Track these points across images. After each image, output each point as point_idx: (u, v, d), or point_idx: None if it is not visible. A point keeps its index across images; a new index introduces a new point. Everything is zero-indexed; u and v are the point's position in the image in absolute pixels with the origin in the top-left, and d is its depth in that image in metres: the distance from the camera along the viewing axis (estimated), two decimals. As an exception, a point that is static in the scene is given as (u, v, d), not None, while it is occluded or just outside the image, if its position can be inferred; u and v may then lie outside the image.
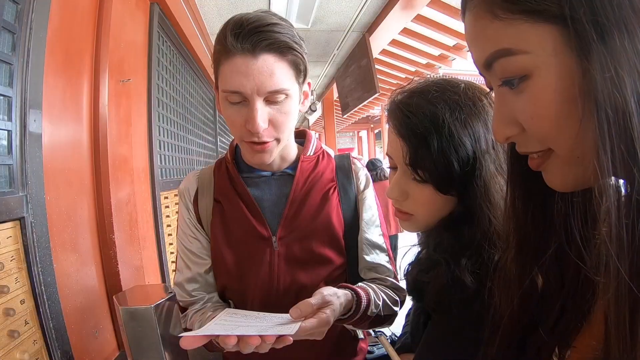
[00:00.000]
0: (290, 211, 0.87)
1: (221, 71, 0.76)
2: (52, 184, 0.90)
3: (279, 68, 0.74)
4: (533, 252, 0.46)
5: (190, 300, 0.89)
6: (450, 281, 0.57)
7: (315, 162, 0.92)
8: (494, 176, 0.59)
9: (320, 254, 0.86)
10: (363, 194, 0.94)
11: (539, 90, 0.35)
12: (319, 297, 0.67)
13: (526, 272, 0.47)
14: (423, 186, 0.62)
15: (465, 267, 0.57)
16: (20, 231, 0.79)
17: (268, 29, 0.72)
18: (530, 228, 0.46)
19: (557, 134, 0.35)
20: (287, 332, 0.59)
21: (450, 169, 0.59)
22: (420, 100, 0.61)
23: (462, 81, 0.64)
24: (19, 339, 0.74)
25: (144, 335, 0.87)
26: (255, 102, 0.73)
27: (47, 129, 0.89)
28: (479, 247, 0.58)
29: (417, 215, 0.66)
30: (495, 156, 0.60)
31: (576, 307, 0.42)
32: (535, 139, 0.38)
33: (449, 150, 0.58)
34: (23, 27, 0.81)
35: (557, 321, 0.44)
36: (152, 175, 1.57)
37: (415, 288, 0.67)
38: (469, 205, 0.60)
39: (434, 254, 0.63)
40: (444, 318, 0.62)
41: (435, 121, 0.59)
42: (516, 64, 0.35)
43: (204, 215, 0.90)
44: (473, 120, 0.59)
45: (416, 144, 0.60)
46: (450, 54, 4.04)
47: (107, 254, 1.14)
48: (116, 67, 1.26)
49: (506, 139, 0.40)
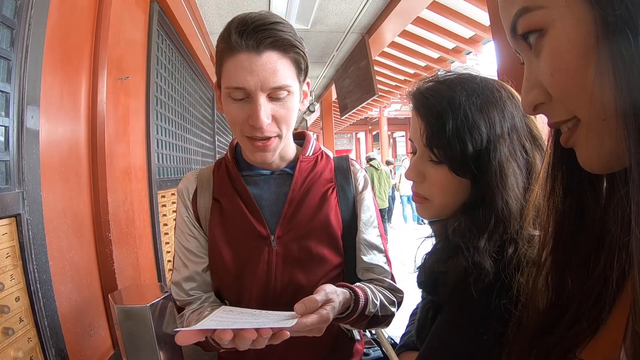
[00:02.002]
0: (289, 210, 0.87)
1: (225, 68, 0.77)
2: (48, 181, 0.90)
3: (281, 65, 0.76)
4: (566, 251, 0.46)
5: (187, 299, 0.89)
6: (470, 265, 0.58)
7: (314, 163, 0.93)
8: (508, 160, 0.61)
9: (318, 253, 0.86)
10: (361, 195, 0.94)
11: (555, 43, 0.35)
12: (323, 294, 0.68)
13: (558, 272, 0.46)
14: (439, 167, 0.65)
15: (485, 251, 0.59)
16: (16, 228, 0.79)
17: (272, 27, 0.74)
18: (567, 225, 0.46)
19: (578, 92, 0.35)
20: (284, 325, 0.59)
21: (464, 149, 0.61)
22: (440, 85, 0.66)
23: (481, 75, 0.69)
24: (13, 336, 0.74)
25: (139, 334, 0.87)
26: (259, 98, 0.75)
27: (45, 125, 0.89)
28: (495, 230, 0.60)
29: (432, 199, 0.68)
30: (510, 142, 0.62)
31: (592, 316, 0.41)
32: (560, 101, 0.37)
33: (464, 131, 0.61)
34: (22, 23, 0.81)
35: (570, 328, 0.43)
36: (149, 173, 1.57)
37: (430, 279, 0.67)
38: (483, 187, 0.62)
39: (452, 238, 0.64)
40: (457, 309, 0.62)
41: (452, 103, 0.63)
42: (533, 19, 0.36)
43: (202, 214, 0.91)
44: (489, 107, 0.63)
45: (433, 124, 0.64)
46: (449, 56, 4.05)
47: (103, 252, 1.13)
48: (115, 64, 1.26)
49: (533, 108, 0.40)
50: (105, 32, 1.18)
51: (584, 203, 0.44)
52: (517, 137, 0.63)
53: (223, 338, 0.57)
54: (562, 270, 0.46)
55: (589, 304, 0.42)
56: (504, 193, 0.60)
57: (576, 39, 0.33)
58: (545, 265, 0.48)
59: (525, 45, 0.39)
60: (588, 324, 0.41)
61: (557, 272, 0.46)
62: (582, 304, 0.42)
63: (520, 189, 0.61)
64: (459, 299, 0.60)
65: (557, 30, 0.35)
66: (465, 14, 3.17)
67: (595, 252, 0.43)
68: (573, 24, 0.34)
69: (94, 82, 1.14)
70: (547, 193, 0.48)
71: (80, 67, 1.10)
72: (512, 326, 0.50)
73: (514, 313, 0.51)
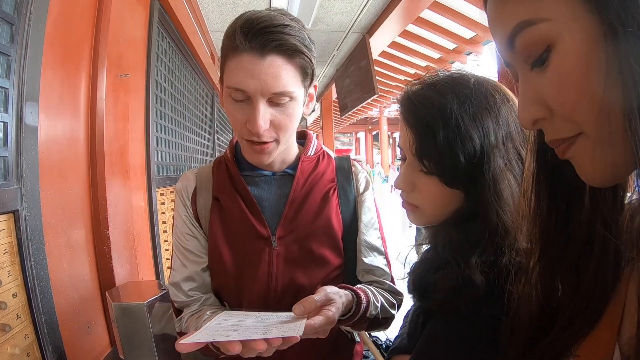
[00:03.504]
0: (290, 211, 0.86)
1: (227, 66, 0.75)
2: (47, 178, 0.89)
3: (285, 71, 0.73)
4: (554, 257, 0.45)
5: (186, 300, 0.87)
6: (461, 281, 0.56)
7: (315, 163, 0.92)
8: (503, 171, 0.58)
9: (319, 254, 0.86)
10: (362, 196, 0.94)
11: (563, 59, 0.33)
12: (322, 295, 0.67)
13: (547, 278, 0.46)
14: (429, 178, 0.62)
15: (476, 266, 0.56)
16: (14, 224, 0.78)
17: (278, 29, 0.71)
18: (553, 233, 0.45)
19: (586, 107, 0.33)
20: (293, 333, 0.56)
21: (456, 161, 0.58)
22: (430, 91, 0.61)
23: (474, 76, 0.64)
24: (10, 333, 0.74)
25: (136, 331, 0.87)
26: (259, 103, 0.73)
27: (44, 122, 0.89)
28: (488, 245, 0.57)
29: (422, 207, 0.66)
30: (505, 152, 0.59)
31: (586, 317, 0.41)
32: (565, 118, 0.36)
33: (455, 142, 0.58)
34: (22, 19, 0.81)
35: (565, 330, 0.43)
36: (148, 171, 1.56)
37: (420, 287, 0.65)
38: (476, 200, 0.59)
39: (443, 253, 0.62)
40: (447, 318, 0.60)
41: (443, 112, 0.59)
42: (538, 33, 0.34)
43: (202, 213, 0.89)
44: (482, 115, 0.59)
45: (422, 134, 0.60)
46: (450, 57, 4.06)
47: (101, 249, 1.13)
48: (115, 61, 1.25)
49: (533, 123, 0.38)
50: (105, 29, 1.18)
51: (570, 208, 0.44)
52: (512, 145, 0.59)
53: (231, 350, 0.55)
54: (551, 276, 0.45)
55: (583, 306, 0.42)
56: (498, 208, 0.57)
57: (587, 55, 0.32)
58: (533, 272, 0.47)
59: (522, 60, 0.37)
60: (583, 325, 0.41)
61: (547, 279, 0.46)
62: (576, 306, 0.42)
63: (515, 201, 0.57)
64: (450, 308, 0.58)
65: (566, 45, 0.33)
66: (465, 15, 3.17)
67: (585, 256, 0.42)
68: (582, 39, 0.32)
69: (94, 79, 1.14)
70: (532, 199, 0.47)
71: (80, 64, 1.09)
72: (504, 333, 0.50)
73: (504, 321, 0.50)
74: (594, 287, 0.41)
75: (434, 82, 0.63)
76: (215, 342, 0.56)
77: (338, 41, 3.55)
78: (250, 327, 0.62)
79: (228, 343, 0.55)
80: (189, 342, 0.53)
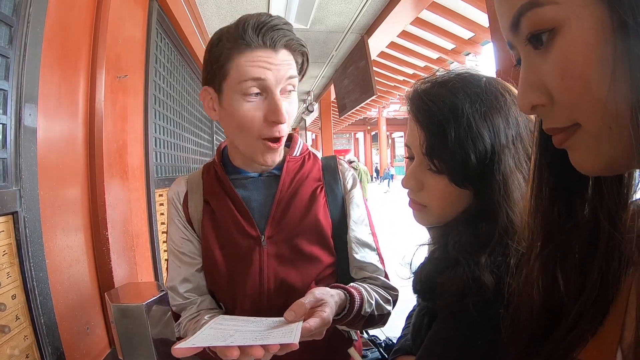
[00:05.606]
0: (277, 211, 0.88)
1: (235, 64, 0.77)
2: (46, 179, 0.90)
3: (292, 63, 0.81)
4: (556, 251, 0.44)
5: (183, 303, 0.89)
6: (470, 281, 0.56)
7: (301, 163, 0.94)
8: (513, 172, 0.57)
9: (309, 252, 0.87)
10: (350, 193, 0.95)
11: (569, 45, 0.32)
12: (311, 297, 0.68)
13: (549, 273, 0.45)
14: (438, 177, 0.62)
15: (486, 266, 0.56)
16: (13, 226, 0.79)
17: (286, 27, 0.79)
18: (556, 225, 0.44)
19: (590, 99, 0.32)
20: (291, 338, 0.56)
21: (466, 161, 0.58)
22: (441, 90, 0.61)
23: (485, 76, 0.64)
24: (9, 334, 0.74)
25: (135, 332, 0.87)
26: (276, 92, 0.78)
27: (42, 123, 0.89)
28: (497, 245, 0.57)
29: (430, 207, 0.65)
30: (514, 152, 0.58)
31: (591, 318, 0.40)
32: (565, 107, 0.35)
33: (466, 141, 0.57)
34: (20, 20, 0.81)
35: (570, 330, 0.41)
36: (147, 172, 1.56)
37: (427, 287, 0.65)
38: (486, 200, 0.59)
39: (452, 252, 0.61)
40: (455, 319, 0.60)
41: (454, 111, 0.58)
42: (545, 15, 0.33)
43: (194, 216, 0.91)
44: (493, 114, 0.59)
45: (433, 133, 0.60)
46: (449, 57, 4.06)
47: (100, 250, 1.13)
48: (113, 63, 1.25)
49: (531, 108, 0.38)
50: (104, 31, 1.18)
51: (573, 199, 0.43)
52: (522, 145, 0.59)
53: (229, 356, 0.55)
54: (552, 271, 0.45)
55: (588, 306, 0.41)
56: (508, 209, 0.56)
57: (594, 44, 0.31)
58: (534, 266, 0.46)
59: (525, 42, 0.36)
60: (588, 327, 0.40)
61: (548, 273, 0.45)
62: (581, 306, 0.41)
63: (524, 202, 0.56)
64: (458, 309, 0.58)
65: (572, 31, 0.32)
66: (464, 15, 3.18)
67: (590, 253, 0.41)
68: (590, 27, 0.31)
69: (92, 80, 1.14)
70: (534, 192, 0.46)
71: (79, 65, 1.09)
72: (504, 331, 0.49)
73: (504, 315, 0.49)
74: (599, 287, 0.40)
75: (444, 80, 0.63)
76: (212, 347, 0.57)
77: (337, 42, 3.55)
78: (246, 332, 0.61)
79: (226, 348, 0.55)
80: (184, 346, 0.53)
